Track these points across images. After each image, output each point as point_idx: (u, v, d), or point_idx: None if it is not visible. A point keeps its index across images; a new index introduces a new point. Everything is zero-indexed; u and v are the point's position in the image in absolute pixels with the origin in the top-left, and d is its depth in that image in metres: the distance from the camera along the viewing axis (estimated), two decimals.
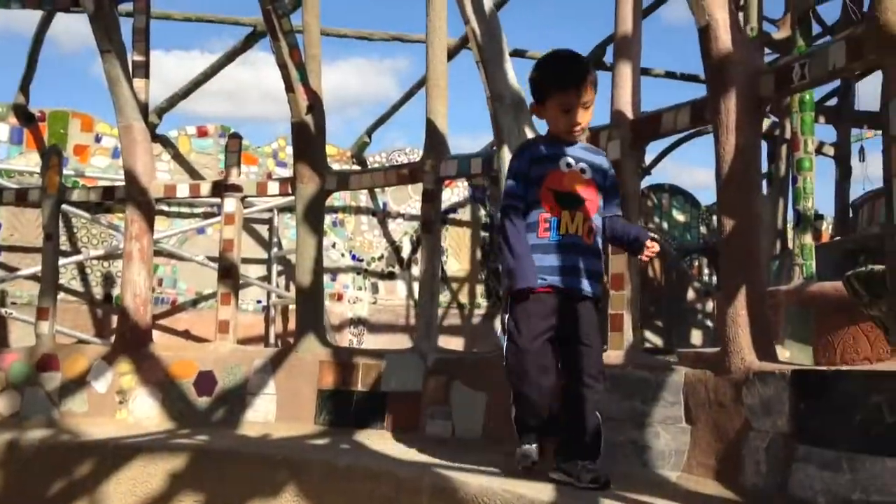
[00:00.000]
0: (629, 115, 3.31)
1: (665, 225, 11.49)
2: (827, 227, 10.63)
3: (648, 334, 10.32)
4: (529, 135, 3.63)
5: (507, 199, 2.66)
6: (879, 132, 7.19)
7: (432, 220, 3.99)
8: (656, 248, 2.68)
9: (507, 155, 3.56)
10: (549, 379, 2.60)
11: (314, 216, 4.34)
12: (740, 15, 6.22)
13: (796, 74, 2.53)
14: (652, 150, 10.58)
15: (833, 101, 8.83)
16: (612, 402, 3.03)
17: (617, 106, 3.33)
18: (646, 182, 10.84)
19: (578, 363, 2.58)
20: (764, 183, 9.25)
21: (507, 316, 2.65)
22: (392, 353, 4.01)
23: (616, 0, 3.27)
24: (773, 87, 2.63)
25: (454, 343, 9.15)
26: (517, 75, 3.56)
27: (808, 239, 5.81)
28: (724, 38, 2.68)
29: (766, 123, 8.12)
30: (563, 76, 2.61)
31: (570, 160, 2.65)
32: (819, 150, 8.35)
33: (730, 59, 2.68)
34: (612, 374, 3.09)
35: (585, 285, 2.61)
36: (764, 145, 8.83)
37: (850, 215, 8.36)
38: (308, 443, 3.59)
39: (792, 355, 5.29)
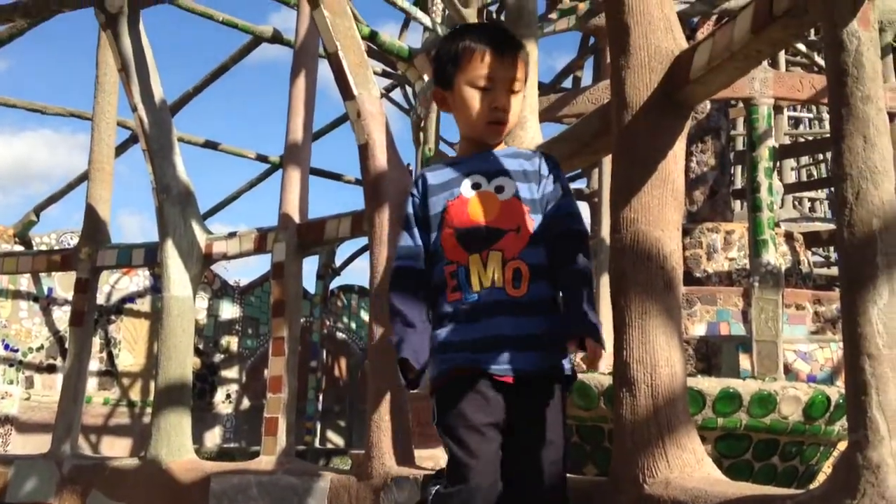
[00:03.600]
0: (296, 218, 3.37)
1: (353, 325, 11.76)
2: None
3: (331, 434, 10.33)
4: (198, 231, 3.55)
5: (394, 259, 1.83)
6: None
7: (84, 312, 3.70)
8: (600, 354, 1.66)
9: (171, 249, 3.44)
10: None
11: None
12: (420, 135, 6.73)
13: None
14: (343, 252, 10.88)
15: None
16: None
17: (285, 209, 3.38)
18: (336, 283, 11.07)
19: (531, 476, 1.67)
20: None
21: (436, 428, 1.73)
22: (22, 458, 3.57)
23: (288, 111, 3.38)
24: None
25: (121, 445, 8.45)
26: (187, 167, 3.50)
27: None
28: (380, 157, 2.86)
29: None
30: (478, 36, 1.78)
31: (479, 177, 1.76)
32: None
33: (384, 177, 2.86)
34: (262, 481, 3.03)
35: (522, 361, 1.67)
36: None
37: None
38: None
39: None
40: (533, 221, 1.73)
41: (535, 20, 3.00)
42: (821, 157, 9.86)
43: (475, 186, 1.75)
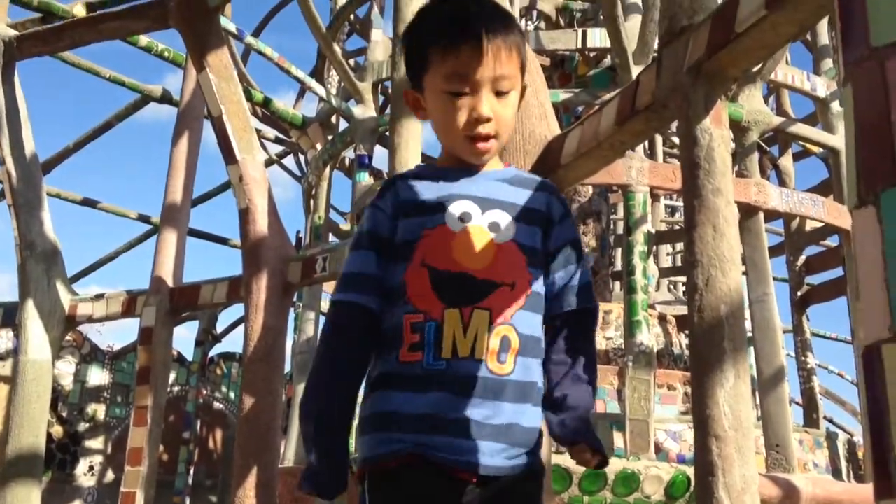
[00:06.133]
0: (169, 282, 3.27)
1: (232, 395, 11.36)
2: None
3: None
4: (62, 291, 3.37)
5: (337, 290, 1.31)
6: None
7: None
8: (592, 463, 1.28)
9: (31, 309, 3.25)
10: None
11: None
12: (311, 202, 6.70)
13: (319, 266, 2.74)
14: (224, 319, 10.58)
15: None
16: None
17: (158, 272, 3.27)
18: (216, 350, 10.72)
19: None
20: None
21: None
22: None
23: (168, 172, 3.30)
24: (300, 275, 2.81)
25: None
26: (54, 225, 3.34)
27: None
28: (260, 223, 2.83)
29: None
30: (450, 22, 1.30)
31: (470, 205, 1.31)
32: None
33: (264, 243, 2.82)
34: None
35: (492, 456, 1.24)
36: None
37: None
38: None
39: None
40: (530, 276, 1.30)
41: None
42: None
43: (463, 217, 1.30)
